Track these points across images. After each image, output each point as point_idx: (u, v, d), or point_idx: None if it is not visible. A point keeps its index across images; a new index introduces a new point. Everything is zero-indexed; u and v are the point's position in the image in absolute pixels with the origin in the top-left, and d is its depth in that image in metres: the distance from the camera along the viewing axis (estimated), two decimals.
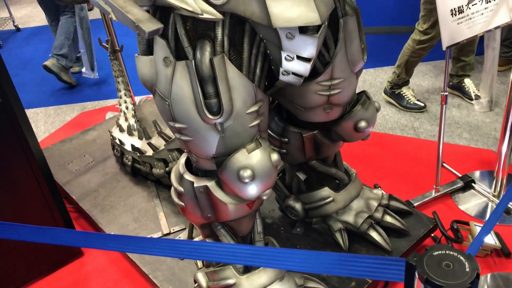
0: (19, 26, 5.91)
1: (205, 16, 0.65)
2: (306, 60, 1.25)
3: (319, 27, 1.21)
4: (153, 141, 2.28)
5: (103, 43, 2.86)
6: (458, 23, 1.68)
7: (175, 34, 1.19)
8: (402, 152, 2.73)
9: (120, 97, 2.86)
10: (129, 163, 2.43)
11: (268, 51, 1.29)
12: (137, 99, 3.38)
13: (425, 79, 3.65)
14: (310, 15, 1.16)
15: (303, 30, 1.20)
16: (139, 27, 0.65)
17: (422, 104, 3.22)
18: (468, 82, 3.29)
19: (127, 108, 2.77)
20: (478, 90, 3.22)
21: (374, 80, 3.75)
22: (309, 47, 1.22)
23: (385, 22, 4.45)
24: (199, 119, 1.25)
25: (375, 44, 4.25)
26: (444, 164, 2.48)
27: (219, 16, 0.68)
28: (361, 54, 1.46)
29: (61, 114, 3.75)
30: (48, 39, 5.06)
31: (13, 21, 5.91)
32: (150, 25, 0.65)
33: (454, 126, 3.02)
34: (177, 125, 1.29)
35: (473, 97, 3.23)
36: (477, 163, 2.57)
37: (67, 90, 4.15)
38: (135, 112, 2.73)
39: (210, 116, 1.23)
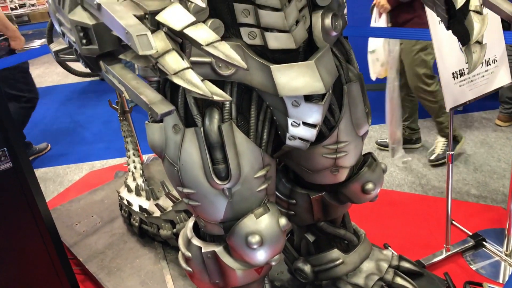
0: None
1: (215, 98, 0.68)
2: (312, 126, 1.28)
3: (324, 95, 1.24)
4: (160, 202, 2.29)
5: (113, 105, 2.93)
6: (460, 86, 1.72)
7: (185, 102, 1.24)
8: (410, 210, 2.71)
9: (129, 157, 2.90)
10: (137, 224, 2.43)
11: (274, 117, 1.32)
12: (145, 157, 3.42)
13: (431, 135, 3.68)
14: (315, 85, 1.20)
15: (309, 98, 1.24)
16: (151, 108, 0.68)
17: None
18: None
19: (135, 167, 2.80)
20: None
21: (380, 136, 3.78)
22: (314, 114, 1.25)
23: None
24: (207, 184, 1.26)
25: (379, 100, 4.31)
26: (453, 222, 2.46)
27: (228, 98, 0.71)
28: (366, 118, 1.48)
29: (70, 173, 3.79)
30: (60, 98, 5.20)
31: None
32: (163, 107, 0.68)
33: (461, 183, 3.01)
34: (185, 190, 1.31)
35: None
36: (487, 221, 2.54)
37: (76, 149, 4.21)
38: (143, 172, 2.76)
39: (218, 182, 1.24)
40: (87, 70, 0.97)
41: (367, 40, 2.88)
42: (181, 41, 0.74)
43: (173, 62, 0.68)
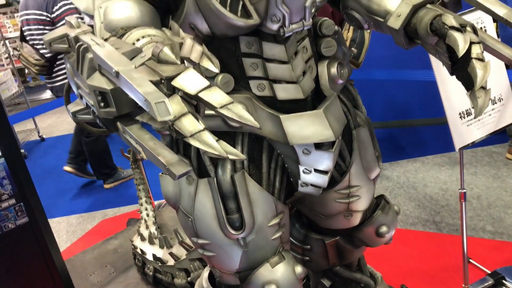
0: (44, 136, 6.19)
1: (231, 157, 0.71)
2: (324, 172, 1.30)
3: (333, 142, 1.27)
4: (174, 250, 2.29)
5: (125, 153, 2.98)
6: (467, 125, 1.74)
7: (197, 153, 1.27)
8: (426, 249, 2.68)
9: (141, 205, 2.91)
10: (151, 273, 2.42)
11: (286, 165, 1.34)
12: (157, 203, 3.43)
13: (442, 171, 3.67)
14: (325, 133, 1.23)
15: (319, 145, 1.26)
16: (169, 170, 0.70)
17: None
18: None
19: (147, 215, 2.81)
20: None
21: (391, 174, 3.77)
22: (325, 161, 1.27)
23: (396, 116, 4.57)
24: (221, 234, 1.27)
25: (388, 138, 4.34)
26: (470, 260, 2.42)
27: (243, 156, 0.73)
28: (376, 161, 1.50)
29: (83, 223, 3.80)
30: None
31: (38, 132, 6.20)
32: (180, 168, 0.70)
33: (476, 219, 2.98)
34: (200, 240, 1.32)
35: None
36: (505, 258, 2.50)
37: (89, 197, 4.24)
38: (155, 219, 2.76)
39: (232, 232, 1.25)
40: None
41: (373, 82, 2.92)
42: (195, 103, 0.77)
43: (189, 124, 0.71)
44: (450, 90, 1.77)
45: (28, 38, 3.85)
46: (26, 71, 8.19)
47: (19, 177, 1.69)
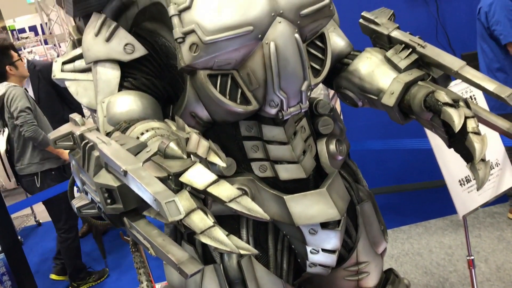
0: (40, 221, 6.10)
1: (242, 252, 0.70)
2: (332, 251, 1.28)
3: (339, 220, 1.26)
4: None
5: (124, 237, 2.93)
6: (468, 192, 1.75)
7: None
8: None
9: None
10: None
11: (292, 246, 1.33)
12: (158, 286, 3.34)
13: (445, 235, 3.62)
14: (330, 212, 1.23)
15: (325, 225, 1.25)
16: (180, 268, 0.69)
17: None
18: None
19: None
20: None
21: (394, 241, 3.72)
22: (332, 240, 1.26)
23: (394, 181, 4.58)
24: None
25: (388, 204, 4.31)
26: None
27: (255, 251, 0.73)
28: (382, 235, 1.49)
29: None
30: None
31: (35, 217, 6.12)
32: (192, 267, 0.69)
33: (486, 284, 2.91)
34: None
35: None
36: None
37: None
38: None
39: None
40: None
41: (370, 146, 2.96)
42: (203, 197, 0.78)
43: (199, 221, 0.71)
44: (447, 157, 1.79)
45: None
46: None
47: (18, 272, 1.65)
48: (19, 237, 5.28)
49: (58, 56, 8.24)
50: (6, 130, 3.69)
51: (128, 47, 1.18)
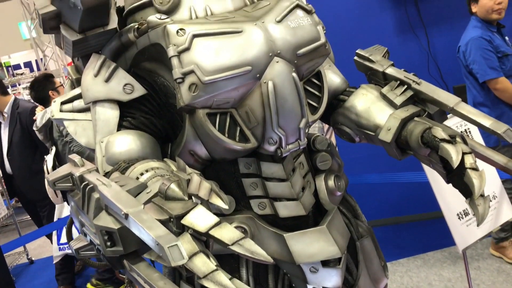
0: (32, 259, 5.99)
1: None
2: None
3: (340, 257, 1.25)
4: None
5: (119, 274, 2.88)
6: (467, 225, 1.75)
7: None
8: None
9: None
10: None
11: (293, 284, 1.31)
12: None
13: (444, 268, 3.59)
14: (330, 249, 1.22)
15: (326, 263, 1.24)
16: None
17: None
18: None
19: None
20: None
21: (393, 275, 3.68)
22: (333, 278, 1.25)
23: (389, 213, 4.56)
24: None
25: (386, 236, 4.29)
26: None
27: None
28: (383, 271, 1.47)
29: None
30: None
31: (27, 254, 6.01)
32: None
33: None
34: None
35: None
36: None
37: None
38: None
39: None
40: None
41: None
42: (205, 239, 0.77)
43: (202, 264, 0.70)
44: (444, 191, 1.80)
45: None
46: None
47: None
48: (11, 276, 5.18)
49: None
50: (54, 148, 3.74)
51: (127, 87, 1.19)
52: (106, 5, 1.14)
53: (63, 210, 3.91)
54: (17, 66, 9.29)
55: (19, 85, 7.86)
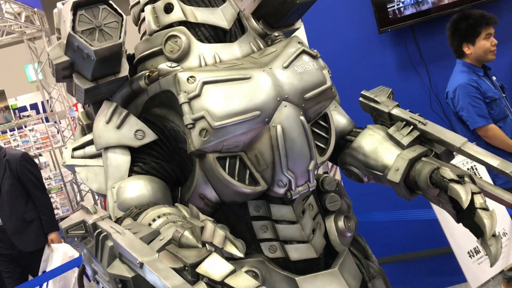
0: None
1: None
2: None
3: None
4: None
5: None
6: (479, 263, 1.73)
7: None
8: None
9: None
10: None
11: None
12: None
13: None
14: None
15: None
16: None
17: None
18: None
19: None
20: None
21: None
22: None
23: (398, 250, 4.50)
24: None
25: (394, 274, 4.21)
26: None
27: None
28: None
29: None
30: None
31: None
32: None
33: None
34: None
35: None
36: None
37: None
38: None
39: None
40: None
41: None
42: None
43: None
44: (454, 228, 1.78)
45: None
46: None
47: None
48: None
49: (58, 132, 8.36)
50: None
51: (138, 133, 1.21)
52: (118, 55, 1.17)
53: (47, 264, 3.77)
54: (23, 108, 9.42)
55: (25, 127, 7.94)
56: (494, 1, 3.41)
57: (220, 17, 1.26)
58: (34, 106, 9.67)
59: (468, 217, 1.14)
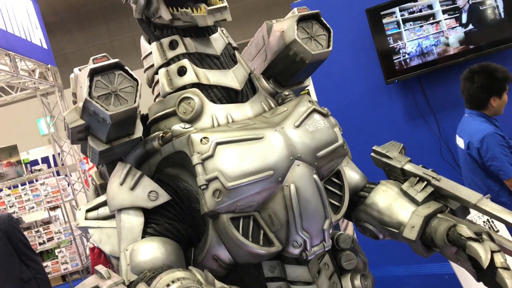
0: None
1: None
2: None
3: None
4: None
5: None
6: None
7: None
8: None
9: None
10: None
11: None
12: None
13: None
14: None
15: None
16: None
17: None
18: None
19: None
20: None
21: None
22: None
23: None
24: None
25: None
26: None
27: None
28: None
29: None
30: None
31: None
32: None
33: None
34: None
35: None
36: None
37: None
38: None
39: None
40: None
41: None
42: None
43: None
44: (472, 284, 1.73)
45: None
46: None
47: None
48: None
49: (68, 185, 8.38)
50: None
51: (152, 194, 1.21)
52: (133, 118, 1.19)
53: None
54: (35, 162, 9.49)
55: (37, 181, 7.98)
56: (497, 52, 3.45)
57: (232, 78, 1.29)
58: (45, 160, 9.75)
59: (488, 275, 1.12)
